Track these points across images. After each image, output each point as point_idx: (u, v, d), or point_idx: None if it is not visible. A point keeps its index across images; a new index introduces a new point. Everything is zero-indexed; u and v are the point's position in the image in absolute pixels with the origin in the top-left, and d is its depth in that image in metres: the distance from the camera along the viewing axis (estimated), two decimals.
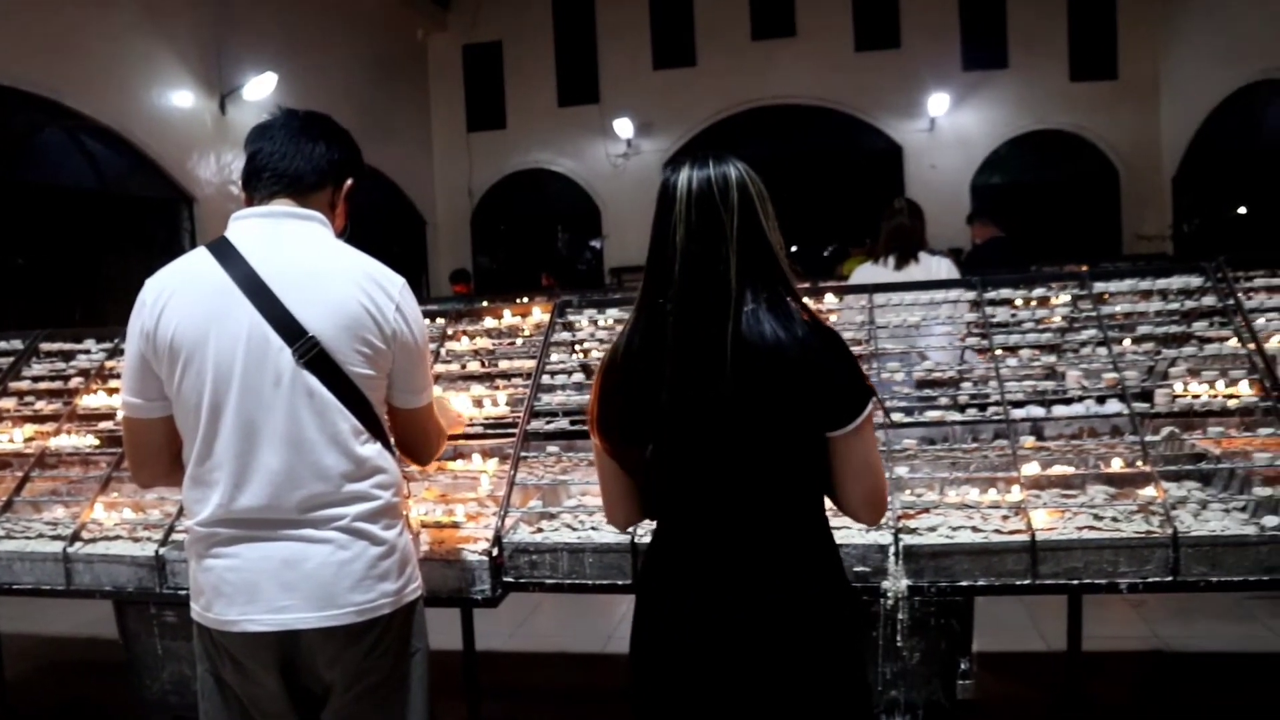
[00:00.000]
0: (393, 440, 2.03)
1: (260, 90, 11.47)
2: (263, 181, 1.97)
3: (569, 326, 3.27)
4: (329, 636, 1.86)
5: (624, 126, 16.57)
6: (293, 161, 1.96)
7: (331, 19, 13.87)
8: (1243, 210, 13.43)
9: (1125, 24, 15.60)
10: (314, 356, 1.83)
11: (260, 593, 1.84)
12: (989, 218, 7.29)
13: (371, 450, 1.91)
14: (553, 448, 3.13)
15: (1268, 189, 12.33)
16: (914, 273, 4.62)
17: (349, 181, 2.05)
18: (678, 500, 1.72)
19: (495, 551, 2.48)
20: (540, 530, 2.62)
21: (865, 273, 4.86)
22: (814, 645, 1.67)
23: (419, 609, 2.03)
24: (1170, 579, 2.29)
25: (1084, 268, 6.17)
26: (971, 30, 15.84)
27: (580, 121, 16.92)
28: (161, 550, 2.64)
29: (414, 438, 2.09)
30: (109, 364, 3.50)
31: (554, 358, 3.17)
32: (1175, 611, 4.47)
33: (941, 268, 4.75)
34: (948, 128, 16.03)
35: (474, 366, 3.29)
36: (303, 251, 1.90)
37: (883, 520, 1.80)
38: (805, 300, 1.69)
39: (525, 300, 4.28)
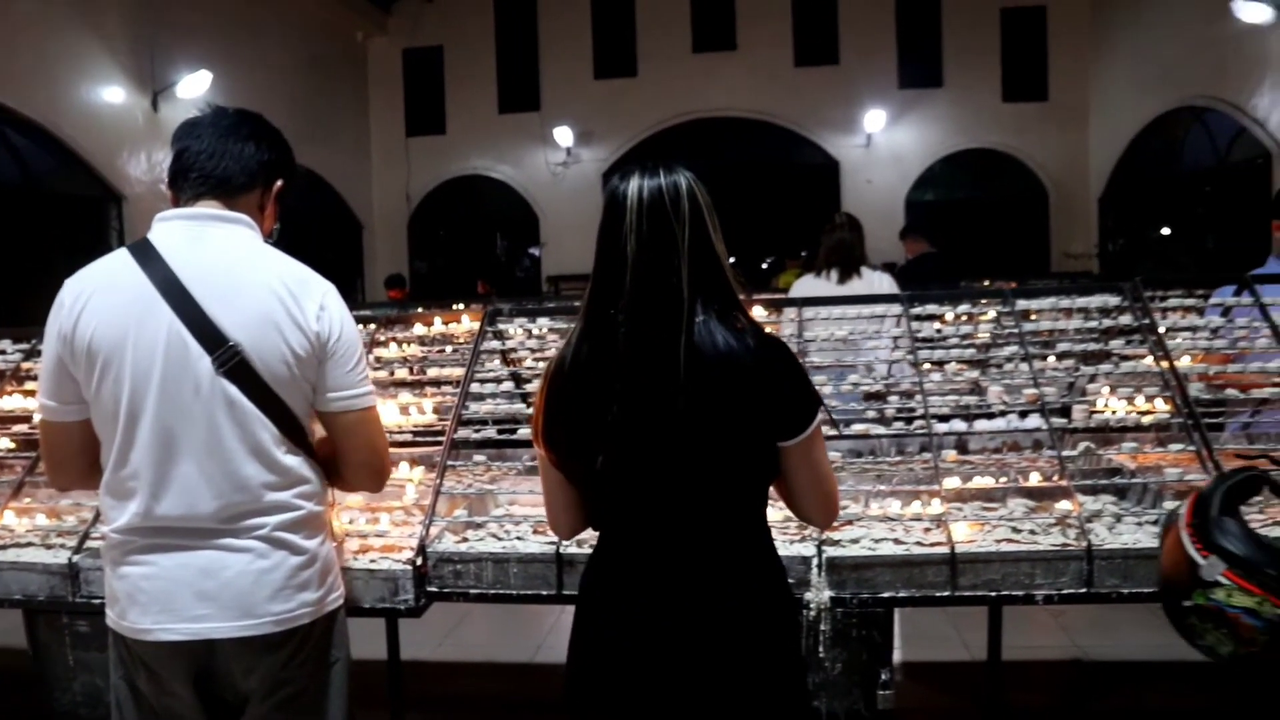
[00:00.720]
0: (344, 463, 1.96)
1: (194, 88, 11.26)
2: (189, 182, 1.93)
3: (499, 335, 3.26)
4: (246, 646, 1.83)
5: (564, 135, 16.55)
6: (220, 162, 1.92)
7: (269, 18, 13.66)
8: (1166, 231, 13.82)
9: (1056, 48, 16.00)
10: (234, 365, 1.79)
11: (176, 601, 1.81)
12: (921, 233, 7.41)
13: (294, 460, 1.88)
14: (480, 456, 3.11)
15: (1186, 212, 12.73)
16: (857, 287, 4.67)
17: (279, 183, 2.02)
18: (626, 511, 1.71)
19: (419, 561, 2.45)
20: (465, 540, 2.60)
21: (808, 286, 4.88)
22: (761, 655, 1.68)
23: (340, 618, 2.01)
24: (1084, 590, 2.34)
25: (1013, 284, 6.31)
26: (908, 49, 16.13)
27: (520, 129, 16.87)
28: (75, 558, 2.56)
29: (357, 449, 1.95)
30: (25, 365, 3.41)
31: (484, 366, 3.15)
32: (1094, 621, 4.57)
33: (884, 283, 4.81)
34: (884, 144, 16.28)
35: (403, 374, 3.26)
36: (226, 256, 1.86)
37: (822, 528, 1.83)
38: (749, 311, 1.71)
39: (462, 307, 4.25)
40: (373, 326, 3.37)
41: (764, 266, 15.30)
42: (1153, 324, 2.96)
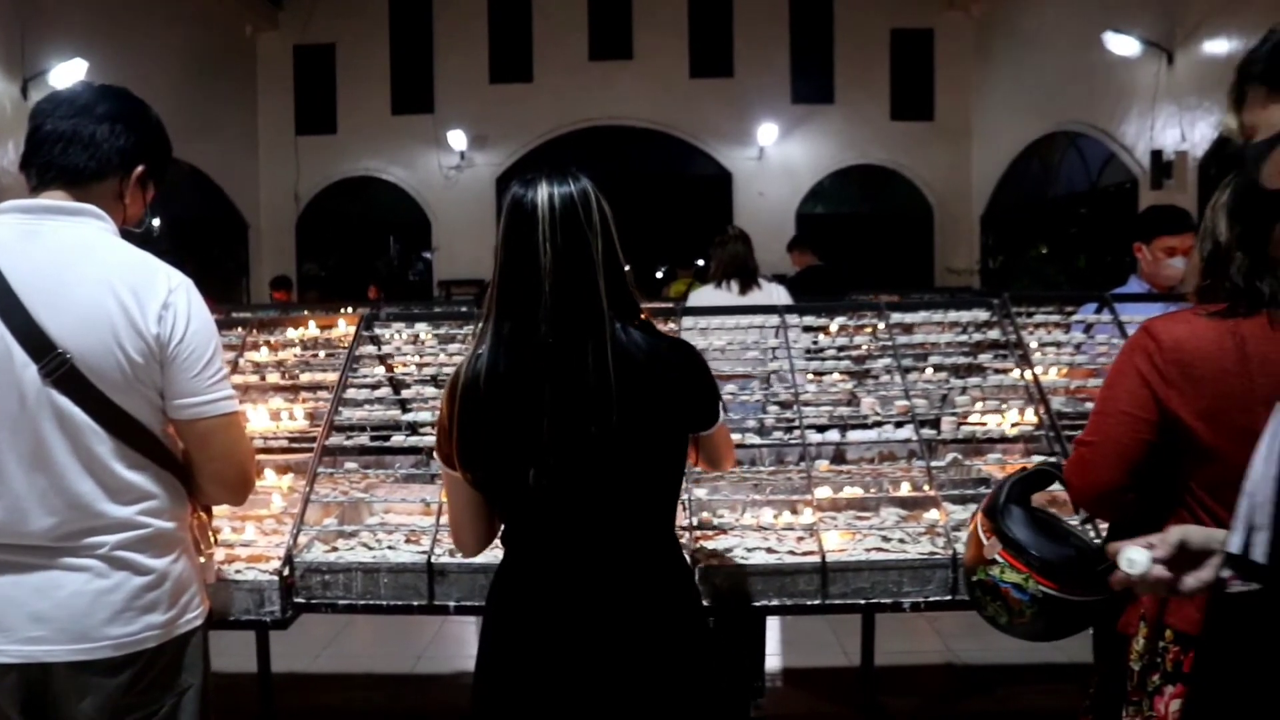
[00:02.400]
0: (198, 474, 1.84)
1: (68, 76, 10.75)
2: (36, 170, 1.79)
3: (376, 340, 3.19)
4: (82, 671, 1.70)
5: (458, 139, 16.38)
6: (68, 148, 1.77)
7: (153, 7, 13.15)
8: (1044, 250, 14.37)
9: (942, 70, 16.53)
10: (63, 374, 1.66)
11: (8, 621, 1.68)
12: (807, 246, 7.52)
13: (137, 475, 1.75)
14: (352, 464, 3.03)
15: (1061, 231, 13.26)
16: (758, 298, 4.71)
17: (139, 169, 1.85)
18: (553, 522, 1.68)
19: (286, 571, 2.38)
20: (335, 549, 2.53)
21: (709, 297, 4.89)
22: (682, 663, 1.70)
23: (195, 641, 1.87)
24: (949, 598, 2.41)
25: (897, 297, 6.47)
26: (801, 65, 16.44)
27: (413, 131, 16.64)
28: None
29: (211, 460, 1.82)
30: None
31: (359, 371, 3.08)
32: (967, 626, 4.70)
33: (780, 294, 4.87)
34: (776, 157, 16.55)
35: (274, 378, 3.16)
36: (60, 254, 1.72)
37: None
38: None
39: (351, 310, 4.14)
40: (241, 329, 3.27)
41: (659, 276, 15.39)
42: (1020, 339, 3.06)
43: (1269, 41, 1.22)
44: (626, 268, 1.72)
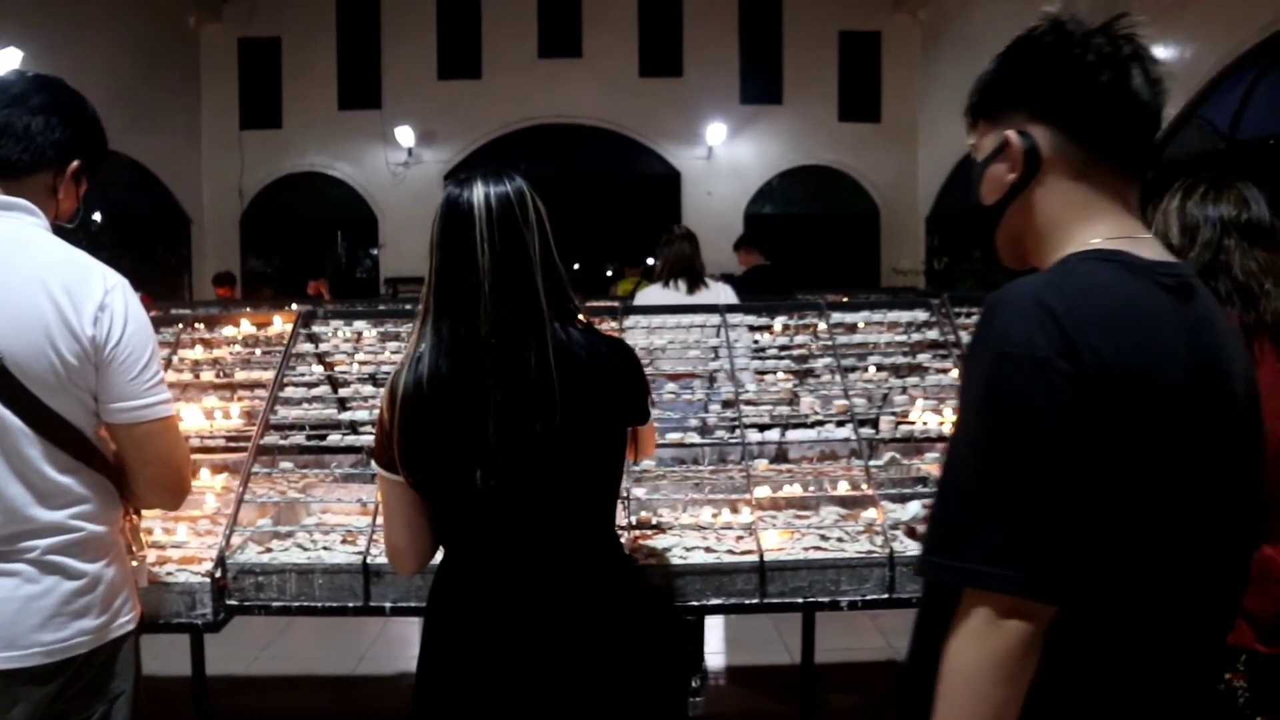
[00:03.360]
0: (134, 479, 1.79)
1: (2, 65, 10.53)
2: None
3: (314, 338, 3.14)
4: (10, 679, 1.66)
5: (405, 135, 16.23)
6: (1, 140, 1.72)
7: None
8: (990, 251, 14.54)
9: (889, 72, 16.70)
10: None
11: None
12: (754, 245, 7.52)
13: (68, 479, 1.71)
14: (288, 463, 2.99)
15: None
16: (705, 297, 4.72)
17: (75, 163, 1.80)
18: (497, 524, 1.67)
19: (218, 573, 2.34)
20: (270, 550, 2.49)
21: (656, 296, 4.88)
22: (625, 662, 1.70)
23: (128, 646, 1.83)
24: (886, 596, 2.43)
25: (844, 298, 6.51)
26: (750, 65, 16.52)
27: (360, 126, 16.45)
28: None
29: (147, 464, 1.79)
30: None
31: (296, 370, 3.03)
32: (909, 623, 4.75)
33: (728, 294, 4.88)
34: (724, 157, 16.61)
35: (210, 376, 3.11)
36: None
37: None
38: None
39: (296, 308, 4.08)
40: (179, 326, 3.21)
41: (608, 274, 15.40)
42: (958, 339, 3.09)
43: (983, 75, 1.35)
44: (576, 266, 1.73)
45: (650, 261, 10.45)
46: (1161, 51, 9.63)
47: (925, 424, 3.14)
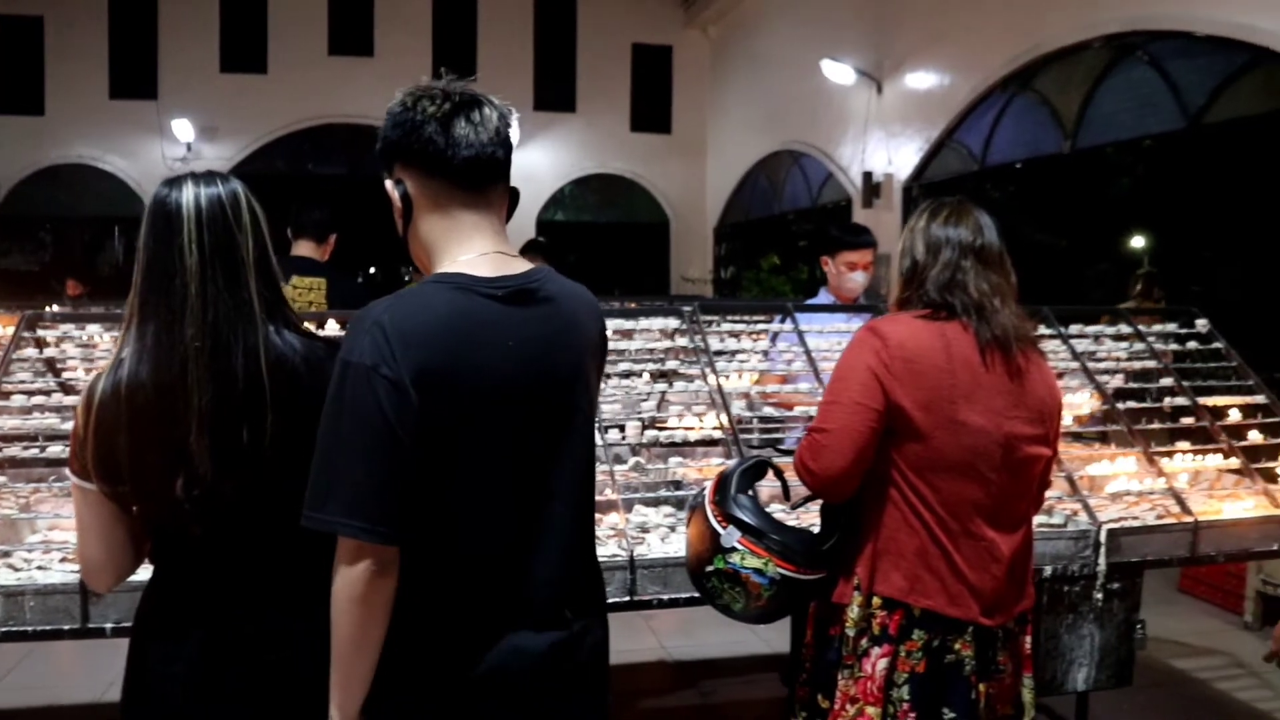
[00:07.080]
0: None
1: None
2: None
3: (40, 343, 2.94)
4: None
5: (184, 128, 15.37)
6: None
7: None
8: (777, 260, 15.14)
9: (679, 86, 17.13)
10: None
11: None
12: (537, 251, 7.55)
13: None
14: (1, 478, 2.77)
15: (788, 244, 14.02)
16: None
17: None
18: (203, 535, 1.61)
19: None
20: None
21: None
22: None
23: None
24: (628, 599, 2.49)
25: (632, 304, 6.61)
26: (544, 72, 16.57)
27: (134, 118, 15.47)
28: None
29: None
30: None
31: (19, 376, 2.83)
32: (680, 624, 4.90)
33: None
34: (518, 162, 15.96)
35: None
36: None
37: None
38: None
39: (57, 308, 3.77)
40: None
41: (406, 279, 15.10)
42: (706, 346, 3.20)
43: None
44: (372, 270, 1.71)
45: None
46: (925, 78, 10.30)
47: (672, 429, 3.24)
